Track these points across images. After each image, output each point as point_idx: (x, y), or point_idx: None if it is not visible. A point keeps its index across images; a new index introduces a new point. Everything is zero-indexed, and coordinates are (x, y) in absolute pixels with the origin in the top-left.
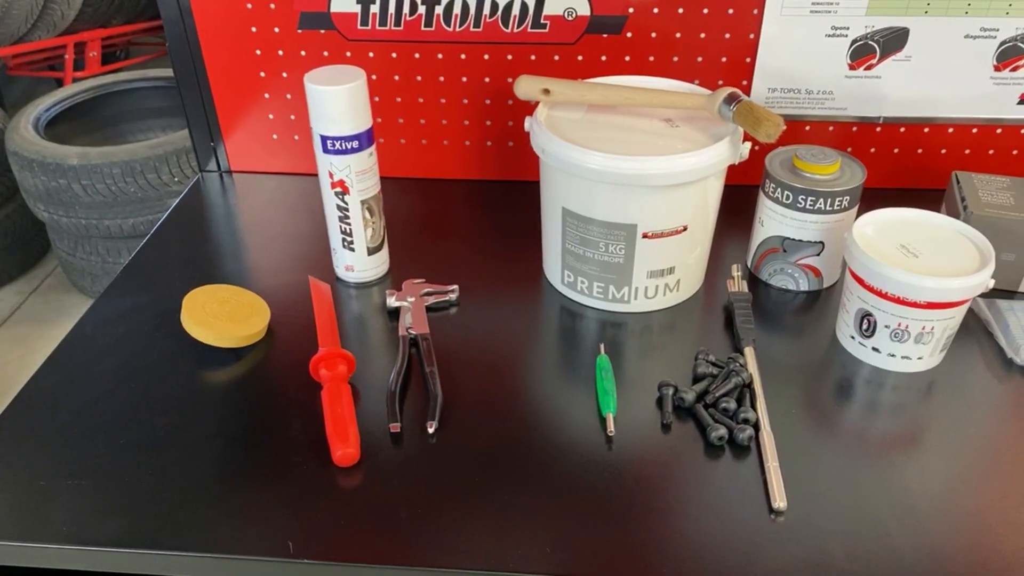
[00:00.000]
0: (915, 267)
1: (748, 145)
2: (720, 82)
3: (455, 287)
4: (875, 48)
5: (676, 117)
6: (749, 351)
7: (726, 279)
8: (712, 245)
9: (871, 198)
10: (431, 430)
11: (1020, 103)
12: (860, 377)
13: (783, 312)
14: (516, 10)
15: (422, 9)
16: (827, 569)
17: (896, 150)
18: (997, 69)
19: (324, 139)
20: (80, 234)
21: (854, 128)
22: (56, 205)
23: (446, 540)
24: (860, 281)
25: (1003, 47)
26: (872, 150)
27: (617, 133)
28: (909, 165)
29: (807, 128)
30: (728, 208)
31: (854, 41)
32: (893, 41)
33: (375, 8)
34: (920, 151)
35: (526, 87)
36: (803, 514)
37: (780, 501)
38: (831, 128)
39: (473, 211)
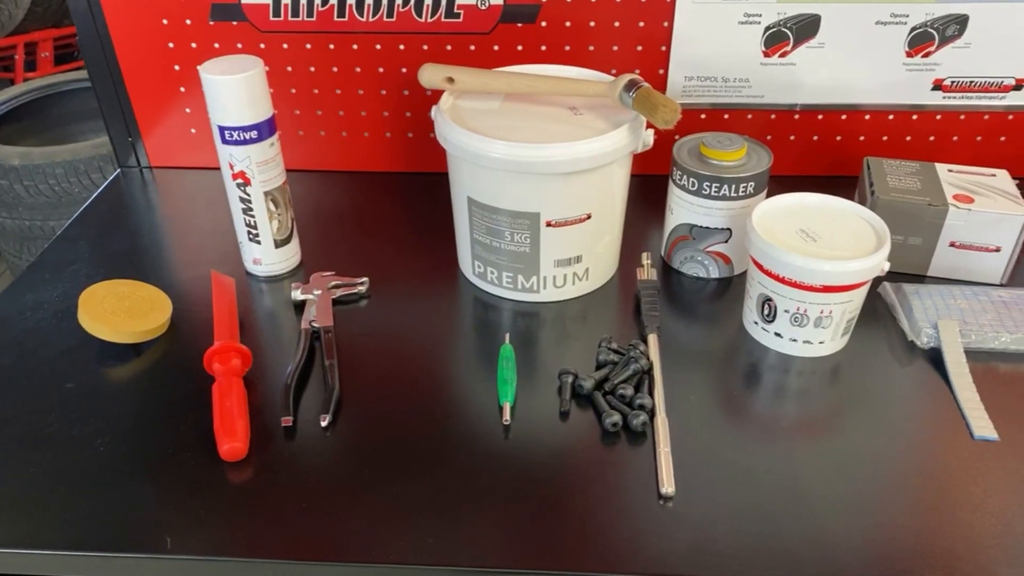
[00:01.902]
0: (812, 251)
1: (651, 132)
2: (636, 71)
3: (365, 279)
4: (788, 35)
5: (582, 105)
6: (652, 338)
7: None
8: (629, 234)
9: (791, 185)
10: (324, 424)
11: (934, 89)
12: (765, 363)
13: (694, 299)
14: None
15: (334, 0)
16: (710, 554)
17: (815, 137)
18: (909, 55)
19: (222, 129)
20: (25, 235)
21: (772, 116)
22: None
23: (329, 533)
24: (759, 266)
25: (914, 33)
26: (792, 137)
27: (521, 121)
28: (828, 152)
29: (726, 116)
30: (646, 197)
31: (767, 28)
32: (805, 28)
33: None
34: (839, 138)
35: (430, 75)
36: (692, 499)
37: (668, 487)
38: (749, 116)
39: (395, 204)
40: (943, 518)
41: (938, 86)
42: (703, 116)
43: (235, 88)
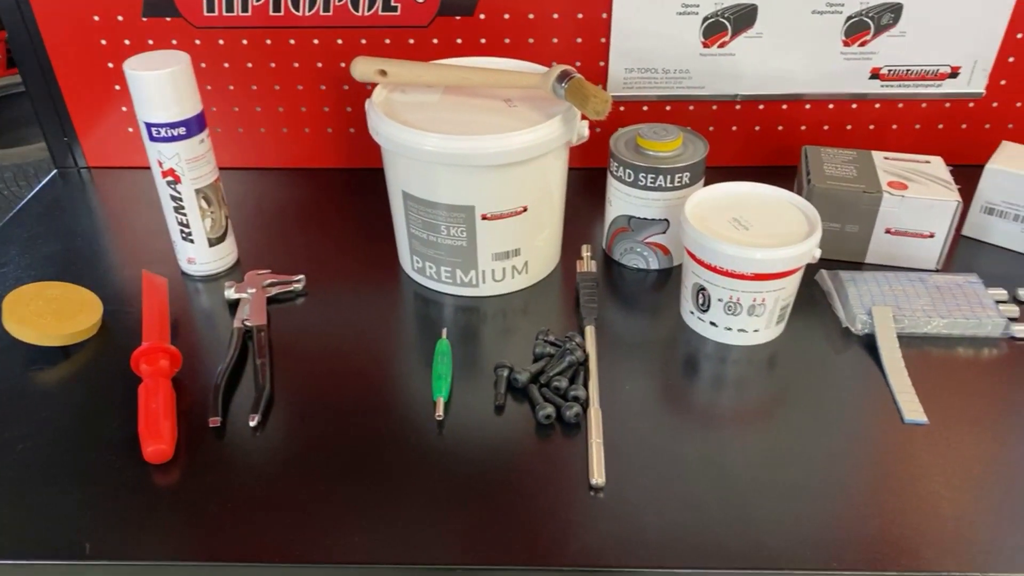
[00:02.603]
0: (743, 240)
1: (586, 124)
2: (577, 63)
3: (301, 277)
4: (726, 25)
5: (518, 97)
6: (590, 330)
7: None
8: (572, 227)
9: (735, 175)
10: (253, 423)
11: (872, 78)
12: (701, 353)
13: (634, 291)
14: None
15: None
16: (638, 544)
17: (757, 127)
18: (846, 44)
19: (149, 126)
20: None
21: (714, 107)
22: None
23: (252, 534)
24: (692, 256)
25: (850, 22)
26: (734, 128)
27: (454, 114)
28: (770, 142)
29: (668, 108)
30: (589, 190)
31: (705, 19)
32: (743, 18)
33: None
34: (780, 128)
35: (362, 69)
36: (622, 490)
37: (598, 477)
38: (691, 108)
39: (337, 200)
40: (871, 502)
41: (876, 75)
42: (645, 108)
43: (160, 84)
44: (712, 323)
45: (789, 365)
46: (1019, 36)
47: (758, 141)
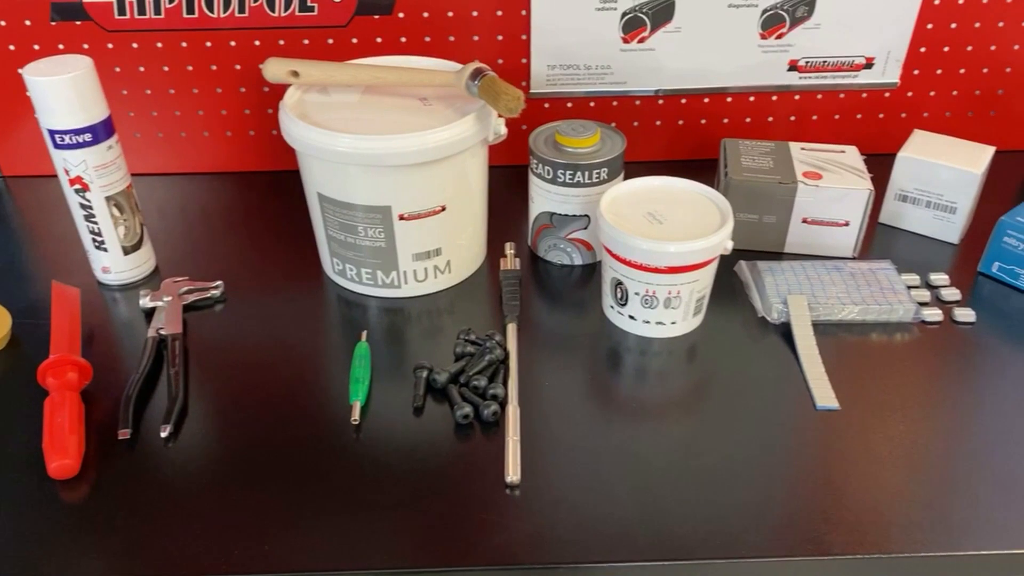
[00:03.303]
0: (656, 234)
1: (503, 122)
2: (500, 61)
3: (219, 283)
4: (645, 21)
5: (434, 96)
6: (511, 328)
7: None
8: (499, 225)
9: (660, 170)
10: (164, 434)
11: (790, 70)
12: (622, 346)
13: (559, 287)
14: None
15: None
16: (550, 540)
17: (680, 121)
18: (763, 37)
19: (52, 134)
20: None
21: (637, 102)
22: None
23: (160, 546)
24: (609, 251)
25: (766, 15)
26: (658, 123)
27: (368, 114)
28: (694, 135)
29: (592, 104)
30: (517, 187)
31: (624, 14)
32: (661, 13)
33: None
34: (703, 121)
35: (274, 70)
36: (538, 486)
37: (513, 475)
38: (615, 103)
39: (261, 204)
40: (781, 489)
41: (793, 67)
42: (570, 104)
43: (62, 89)
44: (631, 317)
45: (708, 356)
46: (929, 27)
47: (682, 135)
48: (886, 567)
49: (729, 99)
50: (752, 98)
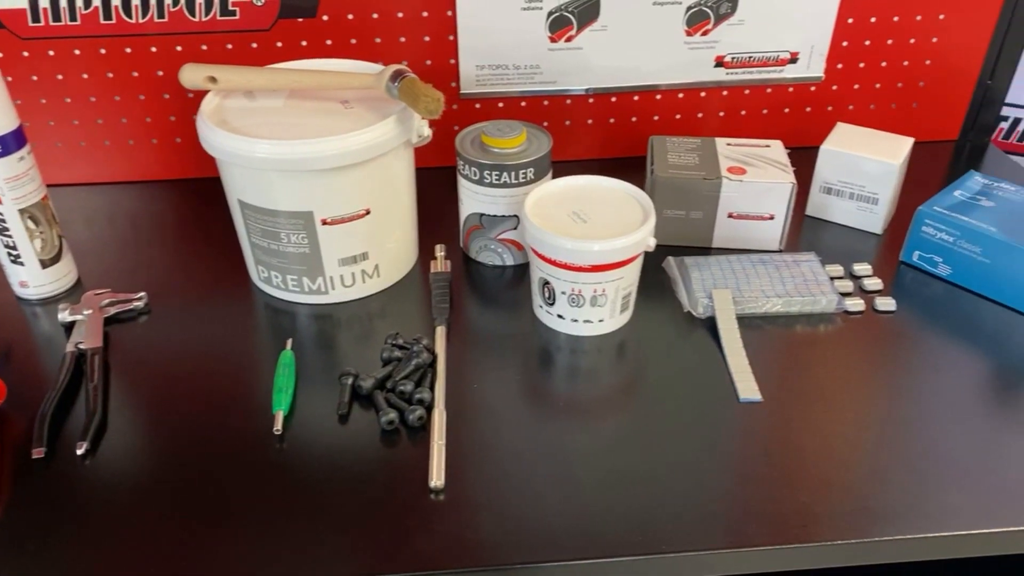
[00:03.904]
0: (580, 233)
1: (426, 123)
2: (428, 62)
3: (142, 295)
4: (571, 19)
5: (355, 99)
6: (440, 331)
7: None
8: (432, 227)
9: (593, 169)
10: (80, 451)
11: (716, 66)
12: (552, 346)
13: (492, 288)
14: None
15: (98, 2)
16: (473, 544)
17: (612, 120)
18: (689, 34)
19: None
20: None
21: (568, 101)
22: None
23: (75, 569)
24: (535, 251)
25: (690, 12)
26: (589, 121)
27: (288, 119)
28: (626, 133)
29: (523, 104)
30: (450, 189)
31: (550, 13)
32: (587, 12)
33: (45, 3)
34: (634, 119)
35: (191, 76)
36: (462, 490)
37: (437, 480)
38: (546, 103)
39: (189, 212)
40: (701, 483)
41: (720, 63)
42: (501, 104)
43: None
44: (559, 316)
45: (636, 352)
46: (850, 21)
47: (614, 133)
48: (808, 556)
49: (659, 96)
50: (681, 95)
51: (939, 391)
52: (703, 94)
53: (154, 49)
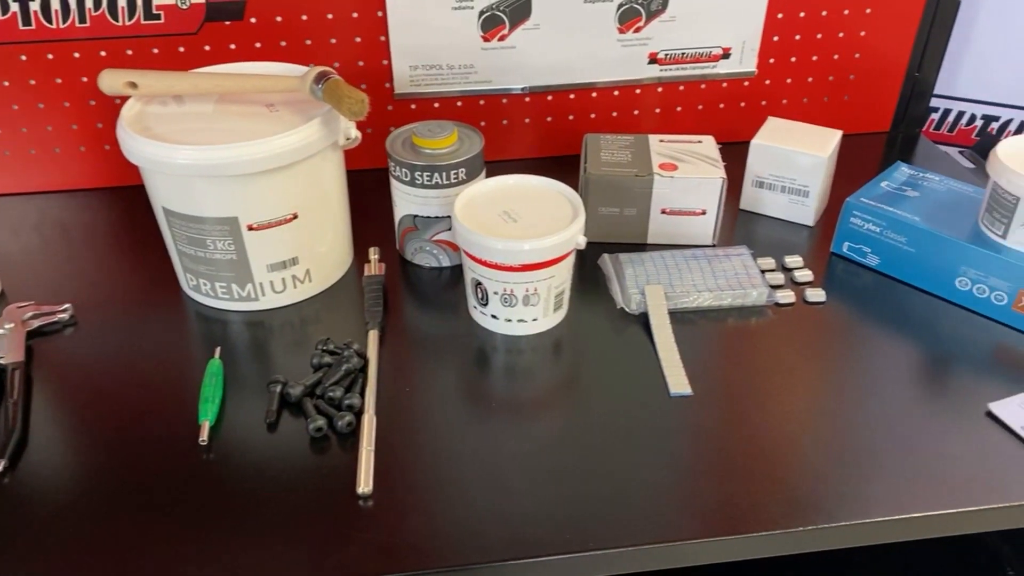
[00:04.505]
0: (510, 233)
1: (353, 125)
2: (360, 63)
3: (67, 306)
4: (503, 19)
5: (281, 102)
6: (372, 334)
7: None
8: (368, 230)
9: (531, 168)
10: None
11: (650, 63)
12: (488, 346)
13: (428, 290)
14: (123, 1)
15: (15, 7)
16: (400, 549)
17: (549, 118)
18: (621, 31)
19: None
20: None
21: (504, 100)
22: None
23: None
24: (466, 252)
25: (622, 9)
26: (527, 120)
27: (213, 123)
28: (563, 132)
29: (459, 104)
30: (386, 191)
31: (482, 12)
32: (519, 10)
33: None
34: (571, 117)
35: (110, 82)
36: (392, 495)
37: (365, 486)
38: (482, 102)
39: (118, 221)
40: (630, 479)
41: (654, 60)
42: (437, 105)
43: None
44: (493, 316)
45: (571, 350)
46: (779, 16)
47: (552, 131)
48: (737, 548)
49: (594, 94)
50: (617, 92)
51: (866, 380)
52: (638, 91)
53: (77, 55)
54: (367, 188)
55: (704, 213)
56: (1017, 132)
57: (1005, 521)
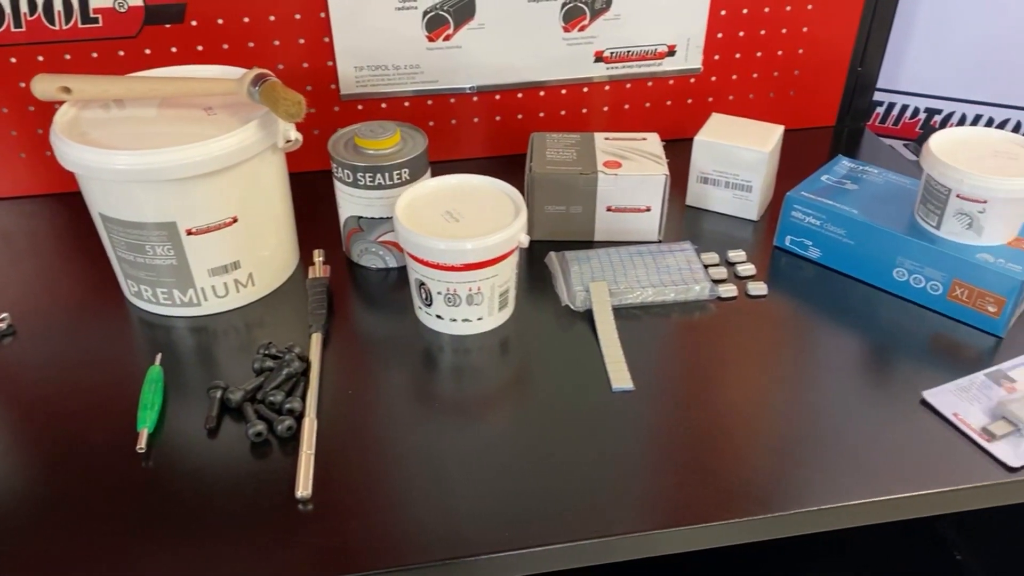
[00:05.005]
0: (452, 232)
1: (292, 127)
2: (305, 64)
3: (5, 315)
4: (448, 19)
5: (219, 105)
6: (315, 337)
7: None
8: (315, 232)
9: (481, 167)
10: None
11: (596, 61)
12: (435, 347)
13: (375, 291)
14: (59, 5)
15: None
16: (338, 553)
17: (498, 117)
18: (566, 30)
19: None
20: None
21: (452, 100)
22: None
23: None
24: (408, 253)
25: (566, 8)
26: (475, 120)
27: (151, 127)
28: (512, 131)
29: (406, 104)
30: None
31: (426, 13)
32: (463, 10)
33: None
34: (520, 116)
35: (43, 87)
36: (332, 498)
37: (303, 490)
38: (429, 102)
39: (59, 228)
40: (570, 475)
41: (600, 58)
42: (384, 105)
43: None
44: (438, 316)
45: (517, 349)
46: (723, 13)
47: (501, 130)
48: (679, 540)
49: (542, 93)
50: (564, 91)
51: (806, 371)
52: (586, 89)
53: (13, 60)
54: (314, 190)
55: (649, 210)
56: (959, 124)
57: (939, 507)
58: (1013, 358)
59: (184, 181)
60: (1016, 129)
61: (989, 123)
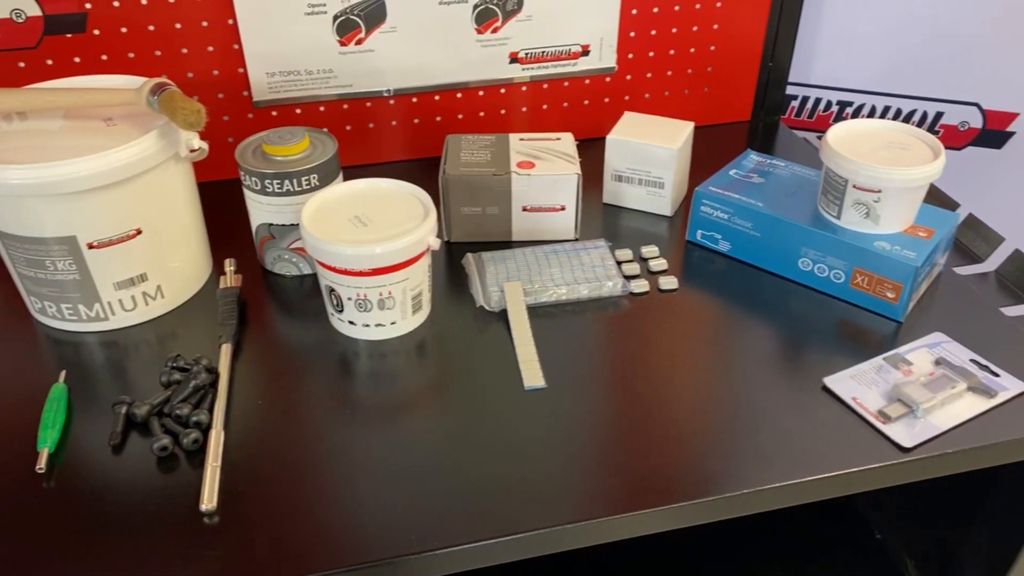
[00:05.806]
0: (360, 237)
1: (196, 136)
2: (215, 72)
3: None
4: (359, 22)
5: (120, 116)
6: (225, 348)
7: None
8: (228, 242)
9: (401, 170)
10: None
11: (512, 62)
12: (349, 352)
13: (290, 299)
14: None
15: None
16: (242, 564)
17: (416, 120)
18: (479, 32)
19: None
20: None
21: (368, 104)
22: None
23: None
24: (317, 260)
25: (477, 10)
26: (393, 123)
27: (50, 140)
28: (431, 133)
29: (321, 108)
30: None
31: (336, 17)
32: (374, 14)
33: None
34: (438, 118)
35: None
36: (238, 510)
37: (208, 503)
38: (345, 106)
39: None
40: (482, 475)
41: (515, 59)
42: (298, 111)
43: None
44: (351, 322)
45: (432, 351)
46: (634, 12)
47: (420, 133)
48: (582, 534)
49: (459, 95)
50: (482, 92)
51: (714, 362)
52: (503, 91)
53: None
54: (230, 199)
55: (564, 209)
56: (870, 116)
57: (837, 489)
58: (911, 342)
59: (82, 194)
60: (924, 120)
61: (897, 114)
